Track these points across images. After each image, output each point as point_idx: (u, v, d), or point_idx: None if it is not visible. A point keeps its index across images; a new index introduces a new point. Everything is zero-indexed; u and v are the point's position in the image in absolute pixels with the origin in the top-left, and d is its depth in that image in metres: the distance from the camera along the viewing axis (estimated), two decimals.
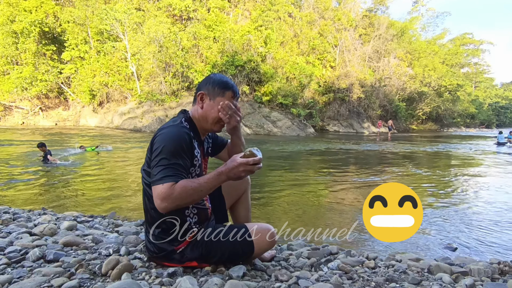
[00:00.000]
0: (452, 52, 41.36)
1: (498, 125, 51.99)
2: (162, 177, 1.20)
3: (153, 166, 1.25)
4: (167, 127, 1.33)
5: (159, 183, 1.19)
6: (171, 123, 1.36)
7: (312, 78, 24.09)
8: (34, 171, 6.04)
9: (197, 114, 1.44)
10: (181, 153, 1.26)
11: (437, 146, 14.25)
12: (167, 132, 1.30)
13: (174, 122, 1.36)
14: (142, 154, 8.79)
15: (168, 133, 1.29)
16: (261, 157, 1.27)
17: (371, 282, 1.50)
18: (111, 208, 3.68)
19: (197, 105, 1.44)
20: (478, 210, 4.01)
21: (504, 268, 1.80)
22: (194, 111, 1.45)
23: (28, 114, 23.02)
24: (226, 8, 23.84)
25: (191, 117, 1.44)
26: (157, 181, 1.20)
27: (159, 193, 1.18)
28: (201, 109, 1.42)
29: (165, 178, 1.19)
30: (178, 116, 1.44)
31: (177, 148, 1.25)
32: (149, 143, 1.36)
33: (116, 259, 1.38)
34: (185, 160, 1.28)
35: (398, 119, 30.11)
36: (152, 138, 1.35)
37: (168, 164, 1.22)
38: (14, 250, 1.53)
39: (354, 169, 7.43)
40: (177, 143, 1.26)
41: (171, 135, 1.28)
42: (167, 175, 1.20)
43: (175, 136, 1.27)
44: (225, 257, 1.44)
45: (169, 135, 1.28)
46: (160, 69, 20.89)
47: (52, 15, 22.55)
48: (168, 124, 1.37)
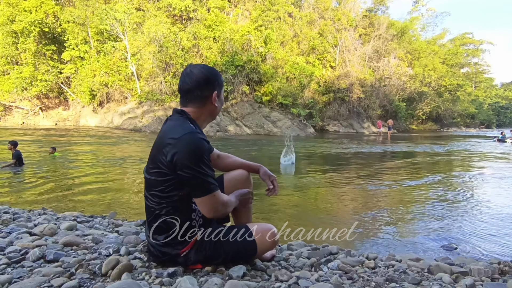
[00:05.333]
0: (452, 52, 41.33)
1: (498, 125, 52.00)
2: (207, 189, 1.29)
3: (189, 179, 1.26)
4: (185, 134, 1.26)
5: (206, 194, 1.29)
6: (186, 130, 1.28)
7: (312, 78, 24.09)
8: (34, 171, 6.03)
9: (207, 112, 1.44)
10: (207, 161, 1.31)
11: (437, 146, 14.25)
12: (189, 141, 1.25)
13: (188, 129, 1.29)
14: (142, 154, 8.79)
15: (190, 143, 1.25)
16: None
17: (371, 282, 1.50)
18: (111, 208, 3.68)
19: (208, 106, 1.42)
20: (478, 210, 4.01)
21: (504, 268, 1.80)
22: (194, 112, 1.39)
23: (28, 114, 23.00)
24: (226, 8, 23.83)
25: (192, 119, 1.38)
26: (204, 192, 1.29)
27: (208, 203, 1.31)
28: (215, 108, 1.44)
29: (211, 189, 1.30)
30: (183, 120, 1.35)
31: (205, 158, 1.29)
32: (159, 145, 1.31)
33: (116, 259, 1.38)
34: (211, 166, 1.33)
35: (398, 119, 30.10)
36: (162, 142, 1.30)
37: (206, 174, 1.28)
38: (14, 250, 1.52)
39: (354, 169, 7.43)
40: (204, 153, 1.28)
41: (195, 145, 1.26)
42: (210, 185, 1.30)
43: (198, 146, 1.27)
44: (229, 258, 1.44)
45: (193, 145, 1.26)
46: (160, 69, 20.88)
47: (52, 15, 22.52)
48: (181, 130, 1.29)
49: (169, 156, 1.25)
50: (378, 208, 3.97)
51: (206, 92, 1.39)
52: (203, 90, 1.38)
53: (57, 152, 8.04)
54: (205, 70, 1.39)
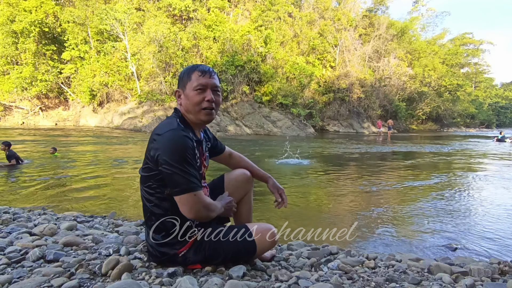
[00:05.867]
0: (452, 52, 41.36)
1: (498, 125, 52.00)
2: (186, 187, 1.25)
3: (169, 175, 1.24)
4: (168, 131, 1.28)
5: (185, 192, 1.25)
6: (169, 127, 1.30)
7: (312, 78, 24.10)
8: (35, 171, 6.03)
9: (182, 110, 1.43)
10: (190, 159, 1.27)
11: (437, 146, 14.25)
12: (170, 138, 1.26)
13: (172, 125, 1.31)
14: (141, 154, 8.79)
15: (172, 139, 1.25)
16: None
17: (371, 282, 1.50)
18: (111, 208, 3.68)
19: (178, 105, 1.44)
20: (478, 210, 4.01)
21: (504, 268, 1.80)
22: (181, 109, 1.44)
23: (28, 114, 23.00)
24: (226, 8, 23.84)
25: (183, 115, 1.41)
26: (182, 190, 1.25)
27: (187, 201, 1.26)
28: (180, 106, 1.42)
29: (190, 187, 1.25)
30: (172, 118, 1.39)
31: (187, 156, 1.26)
32: (148, 143, 1.34)
33: (116, 259, 1.38)
34: (194, 165, 1.30)
35: (398, 119, 30.12)
36: (150, 138, 1.32)
37: (186, 172, 1.25)
38: (14, 250, 1.53)
39: (354, 169, 7.43)
40: (186, 150, 1.25)
41: (176, 142, 1.25)
42: (190, 184, 1.26)
43: (179, 143, 1.25)
44: (229, 258, 1.44)
45: (173, 141, 1.25)
46: (160, 69, 20.89)
47: (52, 15, 22.52)
48: (166, 127, 1.31)
49: (152, 151, 1.28)
50: (378, 208, 3.96)
51: (177, 89, 1.45)
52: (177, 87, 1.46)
53: (57, 152, 8.04)
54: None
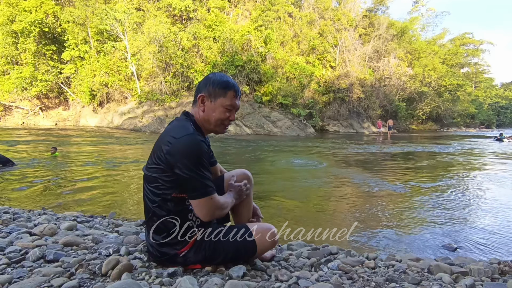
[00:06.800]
0: (452, 52, 41.34)
1: (498, 125, 51.98)
2: (204, 191, 1.30)
3: (187, 180, 1.27)
4: (185, 135, 1.28)
5: (203, 197, 1.30)
6: (186, 132, 1.30)
7: (312, 78, 24.08)
8: (35, 171, 6.03)
9: (199, 116, 1.42)
10: (206, 164, 1.31)
11: (437, 146, 14.25)
12: (188, 143, 1.27)
13: (188, 130, 1.31)
14: (142, 154, 8.79)
15: (190, 144, 1.27)
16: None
17: (371, 282, 1.50)
18: (111, 208, 3.68)
19: (198, 108, 1.42)
20: (478, 210, 4.01)
21: (504, 268, 1.80)
22: (195, 113, 1.43)
23: (28, 114, 22.99)
24: (226, 8, 23.83)
25: (195, 121, 1.42)
26: (201, 194, 1.30)
27: (205, 205, 1.31)
28: (202, 112, 1.41)
29: (208, 192, 1.30)
30: (186, 121, 1.38)
31: (204, 160, 1.30)
32: (160, 142, 1.33)
33: (116, 259, 1.38)
34: (209, 169, 1.34)
35: (398, 119, 30.11)
36: (163, 139, 1.32)
37: (204, 177, 1.29)
38: (14, 250, 1.53)
39: (354, 169, 7.43)
40: (202, 155, 1.29)
41: (194, 147, 1.27)
42: (208, 188, 1.30)
43: (197, 148, 1.28)
44: (229, 258, 1.44)
45: (192, 147, 1.27)
46: (160, 69, 20.89)
47: (52, 15, 22.51)
48: (182, 131, 1.31)
49: (167, 154, 1.27)
50: (378, 208, 3.97)
51: (197, 93, 1.43)
52: (197, 92, 1.43)
53: (58, 152, 8.04)
54: (209, 74, 1.45)
